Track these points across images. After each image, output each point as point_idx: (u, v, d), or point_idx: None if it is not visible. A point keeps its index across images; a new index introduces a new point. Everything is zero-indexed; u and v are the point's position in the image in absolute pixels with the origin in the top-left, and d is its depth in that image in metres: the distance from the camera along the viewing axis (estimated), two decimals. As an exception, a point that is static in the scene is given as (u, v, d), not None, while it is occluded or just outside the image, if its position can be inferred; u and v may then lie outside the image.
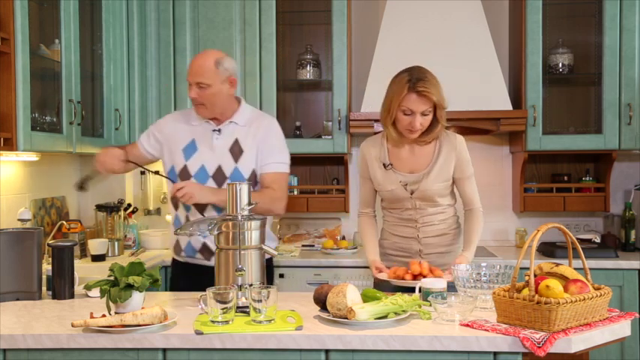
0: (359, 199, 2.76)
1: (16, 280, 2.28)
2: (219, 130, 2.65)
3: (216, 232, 2.18)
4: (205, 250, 2.64)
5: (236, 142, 2.64)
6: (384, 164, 2.60)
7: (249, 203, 2.21)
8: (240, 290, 2.12)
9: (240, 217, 2.17)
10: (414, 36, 3.62)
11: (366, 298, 2.05)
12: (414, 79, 2.46)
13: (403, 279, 2.38)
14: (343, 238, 3.94)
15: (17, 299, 2.28)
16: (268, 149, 2.64)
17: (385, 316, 1.94)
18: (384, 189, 2.60)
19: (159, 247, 3.71)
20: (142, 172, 3.99)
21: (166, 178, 2.69)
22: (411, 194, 2.56)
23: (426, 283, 2.16)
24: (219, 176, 2.61)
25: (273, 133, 2.69)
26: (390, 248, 2.68)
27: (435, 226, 2.60)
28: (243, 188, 2.21)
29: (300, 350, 1.87)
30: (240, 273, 2.12)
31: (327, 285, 2.10)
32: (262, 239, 2.23)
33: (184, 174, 2.64)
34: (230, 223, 2.17)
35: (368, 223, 2.72)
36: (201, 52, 2.72)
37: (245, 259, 2.17)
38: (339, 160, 3.97)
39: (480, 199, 4.08)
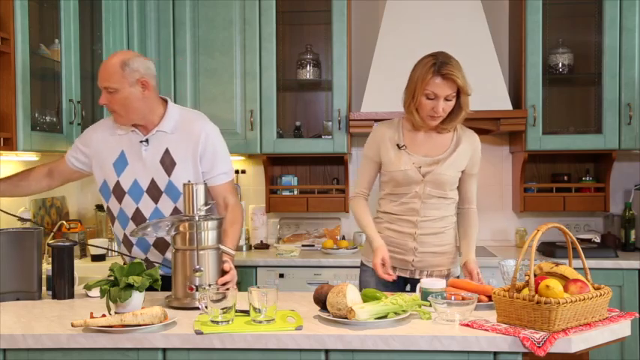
0: (357, 179, 2.68)
1: (16, 280, 2.28)
2: (146, 141, 2.46)
3: (173, 233, 2.18)
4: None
5: (167, 153, 2.45)
6: (397, 145, 2.56)
7: (206, 203, 2.21)
8: (197, 291, 2.13)
9: (196, 218, 2.17)
10: (414, 36, 3.62)
11: (366, 298, 2.05)
12: (439, 62, 2.45)
13: None
14: (343, 238, 3.94)
15: (17, 299, 2.28)
16: (214, 160, 2.49)
17: (385, 316, 1.94)
18: (397, 168, 2.53)
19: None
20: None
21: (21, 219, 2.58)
22: (423, 177, 2.52)
23: (426, 283, 2.16)
24: (153, 190, 2.45)
25: (214, 141, 2.50)
26: None
27: (434, 222, 2.56)
28: (200, 188, 2.21)
29: (300, 350, 1.87)
30: (198, 274, 2.13)
31: (327, 285, 2.10)
32: (220, 239, 2.23)
33: (118, 190, 2.48)
34: (187, 224, 2.16)
35: (364, 204, 2.64)
36: (112, 54, 2.49)
37: (203, 259, 2.17)
38: (339, 160, 3.97)
39: (480, 199, 4.09)
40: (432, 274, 2.57)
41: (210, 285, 2.15)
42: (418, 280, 2.55)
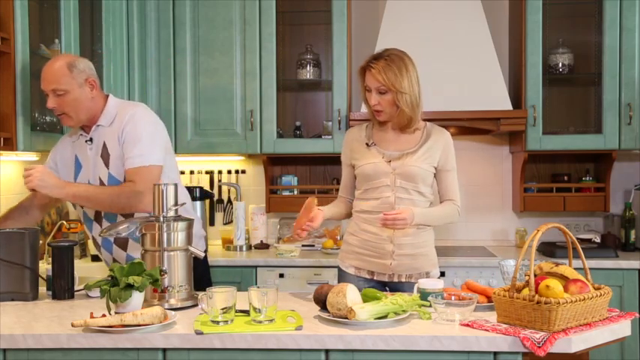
0: (340, 187, 2.76)
1: (10, 280, 2.27)
2: (90, 140, 2.50)
3: (139, 234, 2.19)
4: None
5: (104, 147, 2.48)
6: (367, 143, 2.61)
7: (176, 204, 2.21)
8: (163, 292, 2.14)
9: (162, 219, 2.17)
10: (414, 36, 3.62)
11: (366, 298, 2.05)
12: (371, 56, 2.56)
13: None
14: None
15: (12, 299, 2.28)
16: (128, 142, 2.43)
17: (385, 316, 1.94)
18: (367, 162, 2.56)
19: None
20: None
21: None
22: (393, 169, 2.52)
23: (424, 283, 2.16)
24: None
25: (134, 124, 2.45)
26: (358, 246, 2.60)
27: None
28: (170, 188, 2.20)
29: (300, 350, 1.87)
30: (162, 275, 2.13)
31: (327, 285, 2.10)
32: (189, 241, 2.23)
33: None
34: (155, 225, 2.17)
35: (337, 201, 2.71)
36: (52, 58, 2.49)
37: (171, 260, 2.17)
38: (339, 160, 3.92)
39: (480, 199, 4.08)
40: (410, 277, 2.55)
41: (181, 286, 2.17)
42: (397, 284, 2.56)
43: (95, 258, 3.35)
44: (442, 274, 3.33)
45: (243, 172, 4.08)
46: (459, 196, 2.61)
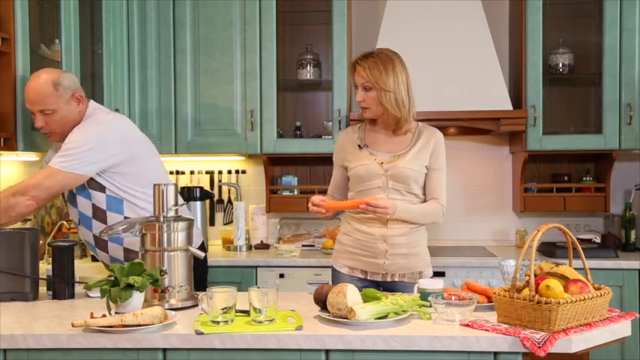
0: (329, 186, 2.75)
1: (10, 280, 2.27)
2: None
3: (139, 234, 2.19)
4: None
5: None
6: (359, 145, 2.62)
7: (176, 204, 2.21)
8: (164, 292, 2.14)
9: (162, 219, 2.17)
10: (414, 36, 3.62)
11: (366, 298, 2.05)
12: (363, 53, 2.61)
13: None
14: (343, 238, 3.94)
15: (12, 299, 2.28)
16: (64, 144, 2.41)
17: (385, 316, 1.94)
18: (359, 164, 2.57)
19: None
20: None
21: None
22: (385, 171, 2.52)
23: (424, 283, 2.16)
24: (70, 195, 2.52)
25: (78, 130, 2.41)
26: (351, 246, 2.60)
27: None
28: (169, 189, 2.20)
29: (300, 350, 1.87)
30: (162, 275, 2.13)
31: (327, 285, 2.11)
32: (189, 241, 2.23)
33: (66, 201, 2.58)
34: (156, 225, 2.17)
35: (331, 198, 2.68)
36: (34, 75, 2.42)
37: (171, 260, 2.17)
38: (339, 160, 3.96)
39: (480, 199, 4.08)
40: (404, 277, 2.55)
41: (182, 286, 2.17)
42: (391, 283, 2.56)
43: (95, 258, 3.34)
44: (442, 274, 3.33)
45: (244, 172, 4.09)
46: (445, 196, 2.59)
